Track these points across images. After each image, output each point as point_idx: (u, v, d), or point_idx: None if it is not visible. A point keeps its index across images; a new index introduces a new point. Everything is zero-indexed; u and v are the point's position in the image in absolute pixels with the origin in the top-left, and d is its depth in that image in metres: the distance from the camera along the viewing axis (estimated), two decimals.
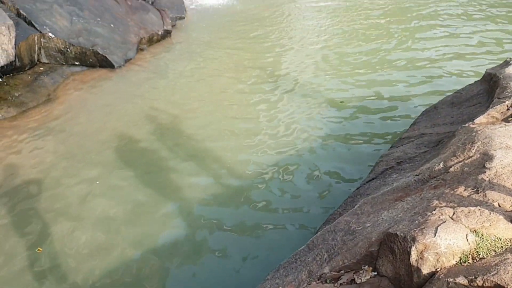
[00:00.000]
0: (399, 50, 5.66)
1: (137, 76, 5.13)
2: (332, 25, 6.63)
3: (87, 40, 5.35)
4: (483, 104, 3.10)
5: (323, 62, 5.33)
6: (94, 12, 5.83)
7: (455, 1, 7.48)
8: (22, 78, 4.67)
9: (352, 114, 4.17)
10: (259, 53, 5.61)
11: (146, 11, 6.50)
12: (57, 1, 5.59)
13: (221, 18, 7.17)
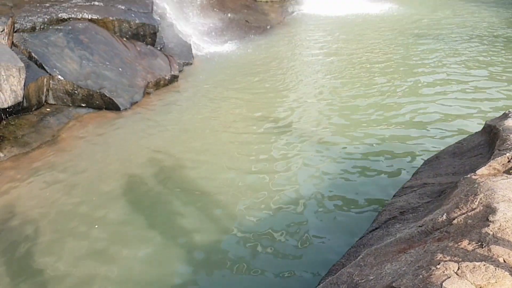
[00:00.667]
0: (401, 100, 5.76)
1: (142, 119, 5.20)
2: (335, 78, 6.77)
3: (95, 83, 5.49)
4: (484, 155, 3.10)
5: (327, 114, 5.39)
6: (103, 57, 6.03)
7: (457, 53, 7.71)
8: (28, 119, 4.75)
9: (355, 163, 4.17)
10: (264, 103, 5.69)
11: (155, 57, 6.71)
12: (68, 45, 5.80)
13: (227, 66, 7.36)
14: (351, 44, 8.54)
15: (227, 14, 10.20)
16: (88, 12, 6.38)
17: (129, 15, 6.75)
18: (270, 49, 8.37)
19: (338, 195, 3.66)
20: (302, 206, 3.52)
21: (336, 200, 3.60)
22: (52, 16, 5.94)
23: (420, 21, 10.79)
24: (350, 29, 9.94)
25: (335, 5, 12.43)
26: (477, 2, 13.66)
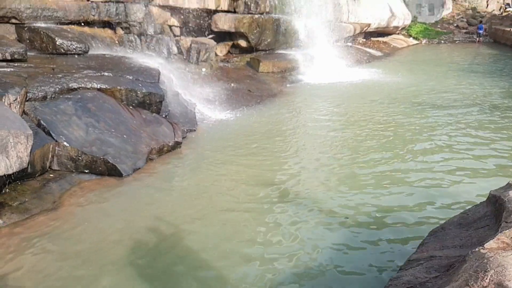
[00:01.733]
0: (401, 168, 5.79)
1: (144, 186, 5.20)
2: (336, 145, 6.86)
3: (99, 149, 5.57)
4: (491, 226, 3.05)
5: (331, 179, 5.41)
6: (109, 124, 6.18)
7: (457, 121, 7.88)
8: (31, 185, 4.76)
9: (357, 233, 4.09)
10: (266, 171, 5.71)
11: (159, 124, 6.88)
12: (76, 113, 5.98)
13: (230, 133, 7.50)
14: (351, 112, 8.79)
15: (230, 84, 10.62)
16: (97, 82, 6.66)
17: (136, 85, 7.04)
18: (271, 117, 8.59)
19: (339, 268, 3.54)
20: (301, 279, 3.40)
21: (337, 274, 3.47)
22: (63, 86, 6.20)
23: (419, 90, 11.19)
24: (350, 97, 10.29)
25: (335, 74, 12.99)
26: (476, 72, 14.26)
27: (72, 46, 7.65)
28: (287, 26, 13.48)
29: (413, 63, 16.97)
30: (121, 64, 7.73)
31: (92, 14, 8.93)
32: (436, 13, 27.51)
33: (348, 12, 18.34)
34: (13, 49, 6.51)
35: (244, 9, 12.49)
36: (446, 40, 25.21)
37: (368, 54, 18.36)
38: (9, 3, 7.56)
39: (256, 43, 12.87)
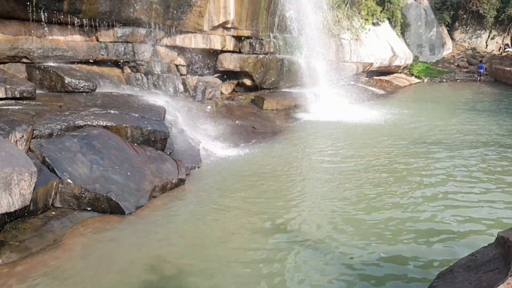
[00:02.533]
0: (407, 209, 5.71)
1: (145, 224, 5.14)
2: (341, 186, 6.82)
3: (102, 187, 5.56)
4: (501, 270, 2.96)
5: (334, 224, 5.32)
6: (114, 161, 6.20)
7: (464, 161, 7.84)
8: (32, 223, 4.72)
9: (363, 277, 3.97)
10: (269, 211, 5.64)
11: (164, 161, 6.89)
12: (81, 150, 6.02)
13: (233, 170, 7.49)
14: (356, 151, 8.77)
15: (235, 121, 10.73)
16: (103, 119, 6.75)
17: (142, 122, 7.12)
18: (275, 154, 8.60)
19: None
20: None
21: None
22: (70, 123, 6.29)
23: (423, 128, 11.22)
24: (355, 136, 10.32)
25: (338, 112, 13.11)
26: (479, 110, 14.32)
27: (80, 85, 7.83)
28: (290, 65, 13.79)
29: (416, 101, 17.14)
30: (128, 102, 7.87)
31: (101, 53, 9.20)
32: (437, 53, 28.08)
33: (351, 52, 18.79)
34: (22, 88, 6.66)
35: (249, 50, 12.83)
36: (447, 78, 25.57)
37: (371, 93, 18.60)
38: (21, 44, 7.82)
39: (261, 81, 13.12)
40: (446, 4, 28.08)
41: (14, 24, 7.78)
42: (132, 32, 9.57)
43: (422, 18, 27.49)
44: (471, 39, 30.15)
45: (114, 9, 8.85)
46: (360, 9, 19.74)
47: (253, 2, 12.36)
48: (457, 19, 29.72)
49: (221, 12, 11.49)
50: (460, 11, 28.81)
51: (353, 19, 19.20)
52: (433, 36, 27.93)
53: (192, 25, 10.79)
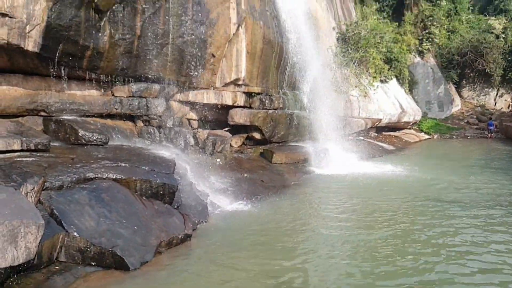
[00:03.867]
0: (420, 269, 5.51)
1: (149, 282, 5.01)
2: (351, 244, 6.63)
3: (108, 241, 5.50)
4: None
5: (345, 284, 5.13)
6: (121, 214, 6.19)
7: (477, 221, 7.63)
8: (35, 277, 4.64)
9: None
10: (278, 269, 5.50)
11: (171, 215, 6.85)
12: (90, 203, 6.04)
13: (241, 226, 7.39)
14: (367, 209, 8.59)
15: (244, 174, 10.75)
16: (113, 172, 6.83)
17: (151, 175, 7.18)
18: (284, 210, 8.50)
19: None
20: None
21: None
22: (80, 175, 6.37)
23: (435, 185, 11.01)
24: (366, 192, 10.16)
25: (348, 168, 13.09)
26: (492, 168, 14.11)
27: (93, 137, 8.03)
28: (299, 120, 14.02)
29: (427, 158, 17.07)
30: (138, 154, 8.00)
31: (116, 108, 9.51)
32: (446, 109, 28.38)
33: (359, 107, 19.10)
34: (38, 140, 6.86)
35: (259, 105, 13.15)
36: (458, 135, 25.60)
37: (381, 148, 18.63)
38: (40, 98, 8.17)
39: (270, 135, 13.30)
40: (452, 63, 28.78)
41: (36, 80, 8.17)
42: (146, 87, 9.94)
43: (430, 76, 28.14)
44: (479, 97, 30.53)
45: (131, 65, 9.28)
46: (368, 67, 20.34)
47: (263, 61, 12.86)
48: (464, 77, 30.33)
49: (233, 70, 11.94)
50: (466, 70, 29.45)
51: (361, 76, 19.73)
52: (441, 93, 28.39)
53: (205, 82, 11.19)
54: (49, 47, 7.56)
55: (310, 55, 14.49)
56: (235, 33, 11.50)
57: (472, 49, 27.85)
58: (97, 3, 7.93)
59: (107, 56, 8.59)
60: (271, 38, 12.84)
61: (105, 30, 8.31)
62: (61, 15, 7.43)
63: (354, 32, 19.96)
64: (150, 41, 9.28)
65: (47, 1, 7.19)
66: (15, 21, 6.91)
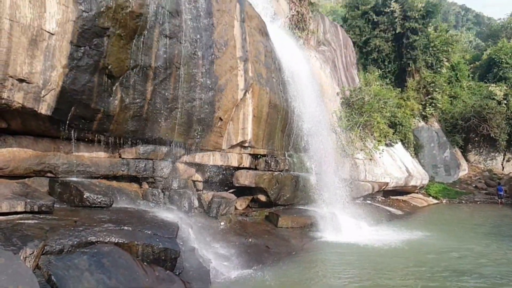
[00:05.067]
0: None
1: None
2: None
3: None
4: None
5: None
6: (121, 281, 5.97)
7: None
8: None
9: None
10: None
11: (172, 283, 6.60)
12: (89, 268, 5.85)
13: None
14: (377, 280, 8.18)
15: (248, 239, 10.48)
16: (116, 236, 6.69)
17: (153, 240, 7.02)
18: (290, 280, 8.15)
19: None
20: None
21: None
22: (82, 239, 6.24)
23: (448, 253, 10.58)
24: (375, 261, 9.76)
25: (356, 233, 12.75)
26: (506, 236, 13.59)
27: (97, 200, 7.98)
28: (305, 182, 13.93)
29: (436, 224, 16.64)
30: (142, 218, 7.89)
31: (122, 169, 9.55)
32: (453, 173, 28.21)
33: (365, 171, 19.05)
34: (42, 202, 6.82)
35: (264, 167, 13.18)
36: (467, 200, 25.17)
37: (389, 213, 18.27)
38: (48, 159, 8.25)
39: (275, 198, 13.15)
40: (456, 127, 29.11)
41: (46, 141, 8.32)
42: (154, 149, 10.05)
43: (435, 140, 28.35)
44: (486, 161, 30.46)
45: (140, 128, 9.46)
46: (372, 131, 20.59)
47: (269, 124, 13.10)
48: (469, 142, 30.50)
49: (240, 133, 12.13)
50: (471, 134, 29.70)
51: (366, 140, 19.91)
52: (447, 157, 28.39)
53: (211, 144, 11.33)
54: (61, 110, 7.78)
55: (315, 119, 14.76)
56: (242, 98, 11.84)
57: (475, 114, 28.29)
58: (111, 69, 8.28)
59: (117, 119, 8.80)
60: (277, 103, 13.18)
61: (116, 94, 8.59)
62: (75, 80, 7.73)
63: (358, 97, 20.49)
64: (159, 105, 9.54)
65: (64, 67, 7.51)
66: (32, 86, 7.18)
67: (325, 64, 20.11)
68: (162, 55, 9.30)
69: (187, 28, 9.95)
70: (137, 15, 8.45)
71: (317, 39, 20.76)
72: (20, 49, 6.88)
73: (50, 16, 7.14)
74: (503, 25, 46.13)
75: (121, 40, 8.28)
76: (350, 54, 24.96)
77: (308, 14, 19.04)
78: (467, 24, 73.26)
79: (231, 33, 11.48)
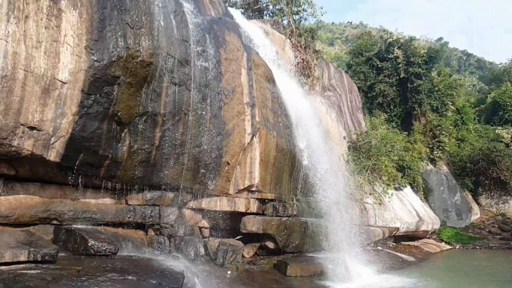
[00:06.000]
0: None
1: None
2: None
3: None
4: None
5: None
6: None
7: None
8: None
9: None
10: None
11: None
12: None
13: None
14: None
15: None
16: (119, 286, 6.48)
17: None
18: None
19: None
20: None
21: None
22: None
23: None
24: None
25: (369, 281, 12.27)
26: None
27: (102, 248, 7.81)
28: (314, 228, 13.60)
29: (453, 271, 15.99)
30: (147, 266, 7.68)
31: (128, 216, 9.43)
32: (465, 218, 27.51)
33: (375, 216, 18.64)
34: (45, 251, 6.68)
35: (272, 212, 12.95)
36: (481, 245, 24.34)
37: (400, 259, 17.66)
38: (54, 206, 8.19)
39: (284, 245, 12.80)
40: (466, 170, 28.73)
41: (53, 188, 8.30)
42: (160, 196, 9.97)
43: (444, 183, 27.92)
44: (498, 205, 29.76)
45: (147, 174, 9.45)
46: (380, 175, 20.39)
47: (277, 168, 13.04)
48: (480, 185, 29.98)
49: (247, 177, 12.05)
50: (481, 177, 29.23)
51: (374, 184, 19.66)
52: (457, 201, 27.81)
53: (218, 189, 11.23)
54: (69, 157, 7.82)
55: (322, 163, 14.68)
56: (250, 143, 11.88)
57: (483, 157, 28.01)
58: (120, 116, 8.40)
59: (125, 165, 8.81)
60: (284, 147, 13.19)
61: (125, 140, 8.66)
62: (85, 127, 7.84)
63: (365, 141, 20.49)
64: (167, 151, 9.58)
65: (74, 115, 7.64)
66: (42, 134, 7.27)
67: (330, 109, 20.32)
68: (171, 102, 9.46)
69: (195, 76, 10.19)
70: (148, 64, 8.69)
71: (322, 84, 21.13)
72: (32, 98, 7.04)
73: (63, 66, 7.36)
74: (505, 69, 46.76)
75: (131, 88, 8.47)
76: (356, 99, 25.27)
77: (313, 61, 19.50)
78: (470, 68, 74.67)
79: (238, 80, 11.73)
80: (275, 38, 18.15)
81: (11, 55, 6.73)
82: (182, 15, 10.19)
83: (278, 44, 17.90)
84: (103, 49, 7.86)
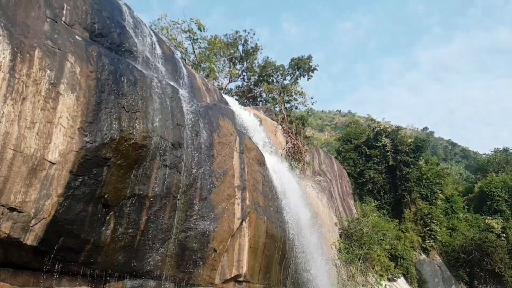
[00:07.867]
0: None
1: None
2: None
3: None
4: None
5: None
6: None
7: None
8: None
9: None
10: None
11: None
12: None
13: None
14: None
15: None
16: None
17: None
18: None
19: None
20: None
21: None
22: None
23: None
24: None
25: None
26: None
27: None
28: None
29: None
30: None
31: None
32: None
33: None
34: None
35: None
36: None
37: None
38: None
39: None
40: (459, 261, 27.95)
41: (25, 275, 7.68)
42: (141, 284, 9.30)
43: (438, 274, 26.95)
44: None
45: (129, 260, 8.90)
46: (373, 264, 19.67)
47: (266, 256, 12.48)
48: (475, 277, 28.95)
49: (234, 265, 11.44)
50: (476, 269, 28.34)
51: (367, 274, 18.87)
52: None
53: (203, 278, 10.57)
54: (49, 241, 7.38)
55: (314, 251, 14.17)
56: (239, 228, 11.49)
57: (476, 248, 27.47)
58: (107, 198, 8.15)
59: (107, 250, 8.33)
60: (274, 233, 12.78)
61: (109, 224, 8.29)
62: (69, 209, 7.52)
63: (356, 229, 20.09)
64: (152, 236, 9.15)
65: (59, 196, 7.37)
66: (22, 215, 6.93)
67: (321, 194, 20.23)
68: (160, 185, 9.29)
69: (187, 158, 10.17)
70: (140, 146, 8.68)
71: (313, 169, 21.30)
72: (18, 178, 6.84)
73: (54, 147, 7.28)
74: (489, 160, 48.13)
75: (121, 170, 8.34)
76: (346, 184, 25.37)
77: (303, 147, 19.88)
78: (456, 157, 76.83)
79: (230, 163, 11.72)
80: (268, 124, 18.67)
81: (2, 135, 6.66)
82: (178, 101, 10.47)
83: (270, 130, 18.35)
84: (97, 131, 7.88)
